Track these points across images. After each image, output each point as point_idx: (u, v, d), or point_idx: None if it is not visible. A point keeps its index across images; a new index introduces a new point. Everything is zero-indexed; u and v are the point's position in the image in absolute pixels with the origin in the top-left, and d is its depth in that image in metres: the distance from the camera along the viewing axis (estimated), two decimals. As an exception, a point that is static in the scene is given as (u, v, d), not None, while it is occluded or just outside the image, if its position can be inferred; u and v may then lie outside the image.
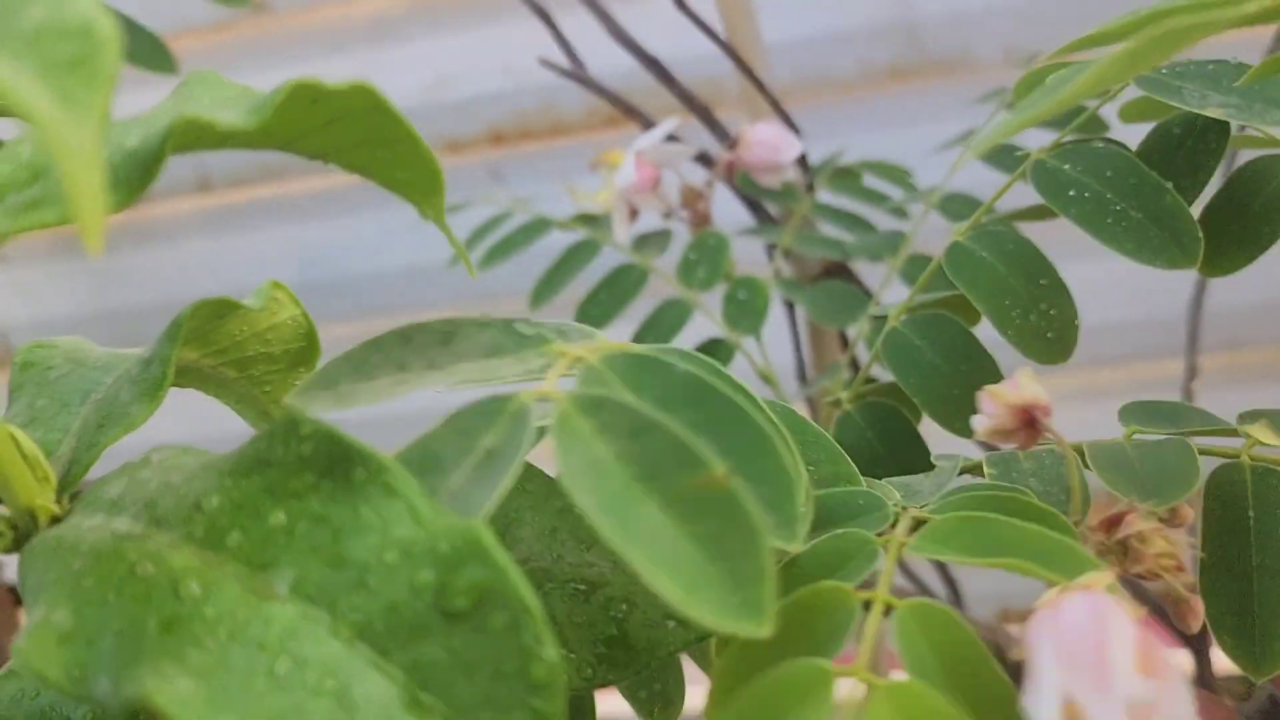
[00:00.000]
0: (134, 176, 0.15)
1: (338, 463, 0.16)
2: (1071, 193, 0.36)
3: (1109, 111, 0.44)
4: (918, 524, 0.22)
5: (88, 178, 0.12)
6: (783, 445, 0.19)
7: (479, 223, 0.62)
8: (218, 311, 0.22)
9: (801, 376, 0.69)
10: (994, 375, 0.41)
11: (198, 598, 0.15)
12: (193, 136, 0.16)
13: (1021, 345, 0.38)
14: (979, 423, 0.24)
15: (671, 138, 0.60)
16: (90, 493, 0.19)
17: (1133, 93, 0.39)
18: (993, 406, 0.23)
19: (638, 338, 0.57)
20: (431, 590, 0.15)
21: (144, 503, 0.17)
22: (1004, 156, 0.55)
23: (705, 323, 0.56)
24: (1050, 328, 0.38)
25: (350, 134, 0.17)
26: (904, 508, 0.25)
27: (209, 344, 0.23)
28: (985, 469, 0.29)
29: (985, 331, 0.44)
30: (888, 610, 0.20)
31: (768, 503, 0.19)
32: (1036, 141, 0.44)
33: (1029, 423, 0.23)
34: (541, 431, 0.18)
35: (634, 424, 0.18)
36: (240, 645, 0.15)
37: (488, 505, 0.16)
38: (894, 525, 0.23)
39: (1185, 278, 0.38)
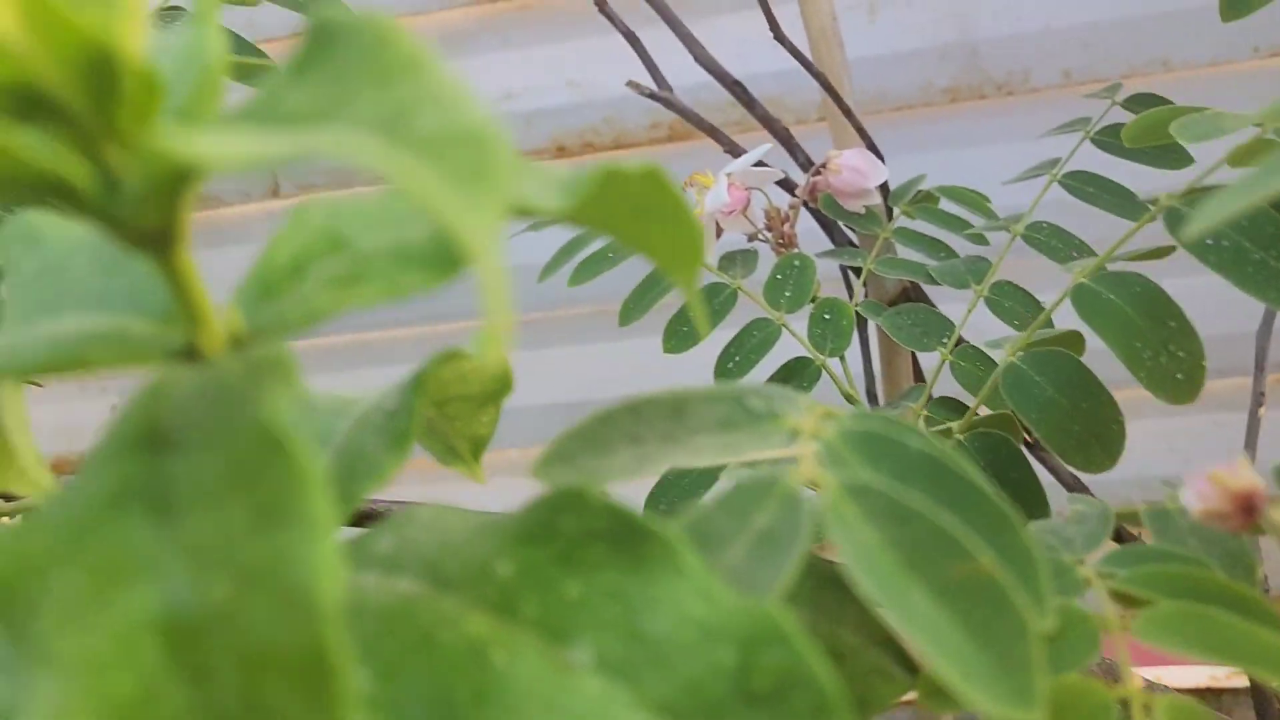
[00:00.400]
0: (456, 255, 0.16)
1: (627, 537, 0.17)
2: (1209, 241, 0.37)
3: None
4: (1125, 601, 0.23)
5: (500, 289, 0.12)
6: (1019, 521, 0.20)
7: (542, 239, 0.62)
8: (445, 359, 0.22)
9: (872, 398, 0.69)
10: (1113, 411, 0.42)
11: (505, 668, 0.16)
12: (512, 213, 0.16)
13: (1152, 387, 0.38)
14: (1192, 503, 0.24)
15: (759, 161, 0.60)
16: (355, 548, 0.19)
17: (1239, 138, 0.39)
18: (1211, 491, 0.24)
19: (725, 354, 0.57)
20: (732, 671, 0.16)
21: (424, 562, 0.18)
22: (1102, 191, 0.55)
23: (785, 341, 0.56)
24: (1179, 369, 0.38)
25: (627, 205, 0.18)
26: (1086, 571, 0.25)
27: (423, 388, 0.24)
28: (1145, 524, 0.29)
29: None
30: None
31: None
32: (1092, 162, 0.43)
33: (1247, 509, 0.23)
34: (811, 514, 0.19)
35: (897, 511, 0.19)
36: (555, 719, 0.15)
37: (776, 586, 0.17)
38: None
39: (1249, 300, 0.38)
